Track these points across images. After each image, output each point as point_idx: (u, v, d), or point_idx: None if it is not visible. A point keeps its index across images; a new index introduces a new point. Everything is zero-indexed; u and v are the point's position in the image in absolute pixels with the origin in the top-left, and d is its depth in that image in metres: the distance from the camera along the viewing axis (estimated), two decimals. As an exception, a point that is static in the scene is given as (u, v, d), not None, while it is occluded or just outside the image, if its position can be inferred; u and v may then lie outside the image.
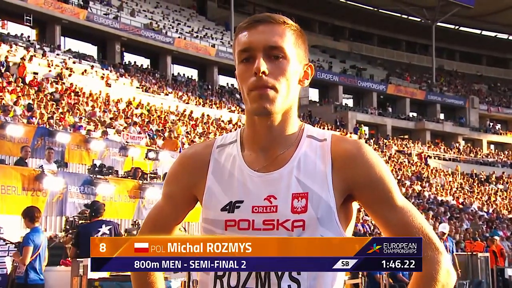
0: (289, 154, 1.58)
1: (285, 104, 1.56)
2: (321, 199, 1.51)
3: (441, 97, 53.47)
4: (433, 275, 1.47)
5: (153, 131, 24.34)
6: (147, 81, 37.13)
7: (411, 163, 39.72)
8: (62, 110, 22.09)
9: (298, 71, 1.61)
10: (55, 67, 30.19)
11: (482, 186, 38.25)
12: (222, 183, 1.61)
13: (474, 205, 32.22)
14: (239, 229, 1.53)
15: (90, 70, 32.92)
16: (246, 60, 1.55)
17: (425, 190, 32.52)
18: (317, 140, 1.61)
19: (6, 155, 14.05)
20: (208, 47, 44.11)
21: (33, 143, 14.91)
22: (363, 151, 1.57)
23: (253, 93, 1.52)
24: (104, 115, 24.53)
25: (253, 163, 1.60)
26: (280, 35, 1.55)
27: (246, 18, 1.65)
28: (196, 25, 47.15)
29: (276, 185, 1.55)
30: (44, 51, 33.06)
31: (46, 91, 25.27)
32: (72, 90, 27.08)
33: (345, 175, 1.55)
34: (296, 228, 1.49)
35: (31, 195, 11.31)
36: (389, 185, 1.56)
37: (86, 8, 39.14)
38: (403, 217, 1.53)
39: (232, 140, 1.68)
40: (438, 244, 1.53)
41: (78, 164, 16.21)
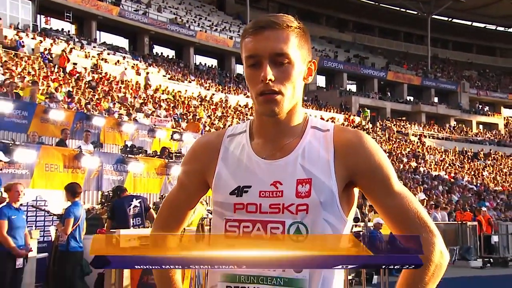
0: (295, 143, 1.55)
1: (291, 103, 1.53)
2: (324, 184, 1.48)
3: (435, 82, 53.33)
4: (428, 256, 1.43)
5: (177, 114, 24.37)
6: (172, 70, 37.16)
7: (408, 142, 39.60)
8: (98, 97, 22.18)
9: (303, 71, 1.56)
10: (92, 58, 30.27)
11: (471, 162, 38.04)
12: (231, 169, 1.57)
13: (464, 179, 32.10)
14: (247, 212, 1.50)
15: (122, 61, 32.94)
16: (253, 66, 1.50)
17: (420, 166, 32.41)
18: (321, 130, 1.58)
19: (49, 136, 14.15)
20: (226, 39, 44.00)
21: (72, 126, 15.02)
22: (363, 140, 1.54)
23: (260, 98, 1.49)
24: (135, 100, 24.62)
25: (261, 151, 1.56)
26: (285, 41, 1.48)
27: (254, 20, 1.55)
28: (216, 20, 46.96)
29: (282, 171, 1.51)
30: (82, 44, 33.16)
31: (84, 79, 25.37)
32: (106, 79, 27.16)
33: (346, 162, 1.51)
34: (300, 212, 1.46)
35: (71, 172, 11.39)
36: (387, 172, 1.53)
37: (118, 5, 39.10)
38: (400, 202, 1.50)
39: (241, 130, 1.65)
40: (433, 227, 1.50)
41: (111, 144, 16.28)
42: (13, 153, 10.22)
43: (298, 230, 1.47)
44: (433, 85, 52.99)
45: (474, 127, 50.17)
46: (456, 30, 60.20)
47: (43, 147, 11.60)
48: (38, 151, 11.00)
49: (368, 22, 57.73)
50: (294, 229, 1.47)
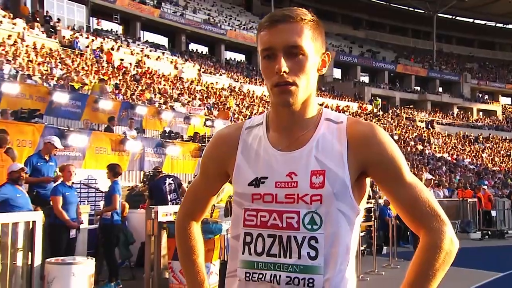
0: (309, 135, 1.43)
1: (305, 94, 1.41)
2: (337, 176, 1.37)
3: (440, 74, 52.68)
4: (438, 243, 1.35)
5: (210, 104, 24.42)
6: (205, 64, 37.17)
7: (415, 127, 39.21)
8: (141, 88, 22.33)
9: (316, 62, 1.44)
10: (136, 55, 30.44)
11: (472, 145, 37.87)
12: (249, 161, 1.46)
13: (465, 161, 31.81)
14: (264, 202, 1.40)
15: (162, 57, 33.08)
16: (268, 57, 1.39)
17: (426, 149, 32.12)
18: (334, 122, 1.45)
19: (99, 123, 14.21)
20: (253, 37, 43.46)
21: (119, 114, 15.06)
22: (376, 132, 1.42)
23: (275, 89, 1.38)
24: (173, 91, 24.70)
25: (277, 143, 1.44)
26: (299, 33, 1.37)
27: (269, 14, 1.45)
28: (244, 19, 46.70)
29: (296, 163, 1.40)
30: (128, 42, 33.34)
31: (129, 73, 25.53)
32: (148, 73, 27.30)
33: (359, 154, 1.40)
34: (314, 202, 1.36)
35: (117, 155, 11.48)
36: (399, 163, 1.41)
37: (159, 7, 39.16)
38: (411, 192, 1.39)
39: (258, 123, 1.53)
40: (443, 215, 1.39)
41: (152, 130, 16.25)
42: (68, 138, 10.32)
43: (313, 219, 1.37)
44: (438, 76, 52.41)
45: (474, 114, 49.68)
46: (459, 26, 59.15)
47: (94, 133, 11.72)
48: (89, 136, 11.11)
49: (379, 20, 56.86)
50: (309, 218, 1.37)
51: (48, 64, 21.16)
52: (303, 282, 1.34)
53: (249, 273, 1.40)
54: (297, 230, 1.36)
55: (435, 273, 1.35)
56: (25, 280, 4.89)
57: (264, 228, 1.40)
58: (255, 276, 1.39)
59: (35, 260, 4.92)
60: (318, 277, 1.34)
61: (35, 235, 4.94)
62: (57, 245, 6.61)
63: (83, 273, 5.08)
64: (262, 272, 1.38)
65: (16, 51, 21.51)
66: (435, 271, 1.35)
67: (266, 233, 1.39)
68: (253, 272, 1.39)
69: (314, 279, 1.34)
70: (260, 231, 1.40)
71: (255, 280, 1.39)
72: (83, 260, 5.26)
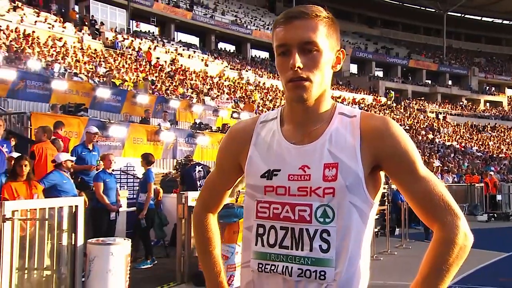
0: (322, 129, 1.30)
1: (319, 90, 1.29)
2: (350, 168, 1.24)
3: (449, 68, 51.70)
4: (452, 238, 1.21)
5: (237, 97, 24.36)
6: (233, 61, 37.12)
7: (426, 118, 38.69)
8: (175, 84, 22.40)
9: (331, 59, 1.31)
10: (170, 54, 30.56)
11: (479, 134, 37.52)
12: (262, 153, 1.34)
13: (473, 148, 31.39)
14: (276, 194, 1.29)
15: (194, 55, 33.15)
16: (283, 54, 1.27)
17: (436, 138, 31.73)
18: (348, 116, 1.32)
19: (136, 116, 14.23)
20: (277, 36, 43.47)
21: (154, 107, 15.09)
22: (390, 126, 1.28)
23: (290, 84, 1.26)
24: (203, 86, 24.71)
25: (290, 137, 1.32)
26: (313, 29, 1.25)
27: (285, 11, 1.34)
28: (268, 20, 46.32)
29: (310, 156, 1.27)
30: (164, 42, 33.48)
31: (164, 70, 25.65)
32: (181, 69, 27.41)
33: (373, 147, 1.26)
34: (326, 195, 1.24)
35: (152, 144, 11.50)
36: (413, 157, 1.27)
37: (191, 10, 39.15)
38: (425, 186, 1.25)
39: (273, 117, 1.40)
40: (457, 210, 1.25)
41: (184, 122, 16.19)
42: (108, 129, 10.40)
43: (325, 212, 1.24)
44: (447, 71, 51.40)
45: (482, 105, 48.79)
46: (467, 24, 57.78)
47: (131, 125, 11.76)
48: (127, 128, 11.16)
49: (393, 19, 55.76)
50: (321, 211, 1.24)
51: (93, 63, 21.40)
52: (315, 274, 1.23)
53: (262, 264, 1.30)
54: (309, 223, 1.25)
55: (448, 268, 1.22)
56: (70, 258, 4.90)
57: (276, 220, 1.29)
58: (267, 267, 1.28)
59: (78, 240, 4.93)
60: (329, 269, 1.23)
61: (78, 218, 4.94)
62: (98, 226, 6.67)
63: (120, 253, 5.08)
64: (274, 263, 1.27)
65: (67, 52, 21.79)
66: (448, 266, 1.22)
67: (279, 225, 1.28)
68: (266, 264, 1.29)
69: (326, 271, 1.23)
70: (272, 223, 1.29)
71: (267, 271, 1.28)
72: (121, 241, 5.26)
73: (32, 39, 21.35)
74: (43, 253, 4.70)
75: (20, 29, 22.52)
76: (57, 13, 28.56)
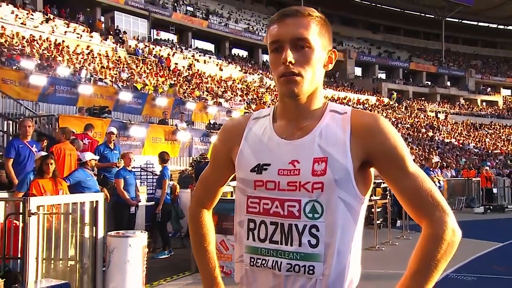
0: (313, 125, 1.22)
1: (310, 87, 1.22)
2: (340, 163, 1.16)
3: (448, 70, 51.05)
4: (440, 234, 1.14)
5: (249, 99, 24.29)
6: (245, 66, 37.05)
7: (426, 117, 38.34)
8: (192, 87, 22.40)
9: (323, 58, 1.24)
10: (188, 59, 30.61)
11: (476, 131, 37.09)
12: (253, 147, 1.26)
13: (470, 145, 31.02)
14: (266, 189, 1.20)
15: (209, 60, 33.16)
16: (275, 50, 1.20)
17: (436, 135, 31.41)
18: (339, 113, 1.24)
19: (155, 117, 14.23)
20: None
21: (172, 109, 15.06)
22: (380, 122, 1.20)
23: (282, 79, 1.19)
24: (218, 89, 24.69)
25: (282, 132, 1.24)
26: (305, 27, 1.18)
27: (280, 10, 1.27)
28: (278, 28, 46.28)
29: (300, 150, 1.19)
30: (182, 49, 33.54)
31: (182, 75, 25.70)
32: (198, 74, 27.42)
33: (362, 143, 1.18)
34: (315, 190, 1.15)
35: (170, 144, 11.50)
36: (402, 153, 1.19)
37: (207, 19, 39.17)
38: (414, 182, 1.17)
39: (266, 114, 1.32)
40: (445, 206, 1.18)
41: (200, 122, 16.18)
42: (129, 129, 10.41)
43: (314, 208, 1.16)
44: (446, 72, 50.77)
45: (478, 104, 48.16)
46: (465, 28, 57.09)
47: (151, 125, 11.79)
48: (147, 128, 11.17)
49: (394, 25, 55.23)
50: (310, 207, 1.16)
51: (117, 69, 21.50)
52: (304, 269, 1.16)
53: (253, 259, 1.22)
54: (298, 218, 1.17)
55: (437, 263, 1.14)
56: (91, 249, 4.89)
57: (266, 215, 1.21)
58: (258, 261, 1.21)
59: (98, 233, 4.91)
60: (318, 264, 1.15)
61: (98, 212, 4.92)
62: (120, 220, 6.67)
63: (137, 245, 5.05)
64: (265, 258, 1.20)
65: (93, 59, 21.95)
66: (437, 262, 1.14)
67: (269, 221, 1.20)
68: (257, 258, 1.21)
69: (315, 266, 1.15)
70: (263, 218, 1.21)
71: (258, 265, 1.21)
72: (138, 234, 5.22)
73: (62, 48, 21.53)
74: (68, 244, 4.70)
75: (52, 39, 22.73)
76: (85, 23, 28.79)
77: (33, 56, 17.47)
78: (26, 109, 10.70)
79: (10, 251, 4.71)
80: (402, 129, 31.59)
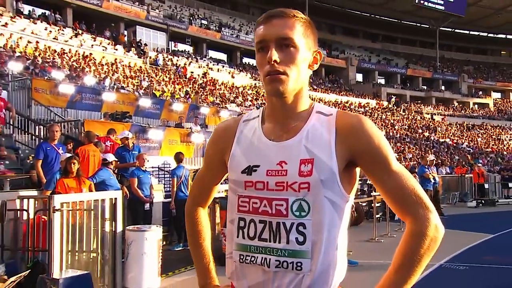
0: (300, 126, 1.16)
1: (296, 86, 1.15)
2: (325, 164, 1.10)
3: (442, 75, 50.34)
4: (423, 230, 1.08)
5: (259, 104, 24.23)
6: (255, 73, 37.00)
7: (422, 118, 38.02)
8: (206, 93, 22.42)
9: (308, 58, 1.17)
10: (202, 68, 30.66)
11: (468, 131, 36.68)
12: (244, 150, 1.20)
13: (464, 144, 30.65)
14: (255, 189, 1.15)
15: (222, 69, 33.19)
16: (261, 49, 1.15)
17: (431, 135, 31.07)
18: (325, 115, 1.18)
19: (172, 120, 14.15)
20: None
21: (188, 113, 15.00)
22: (363, 123, 1.14)
23: (267, 78, 1.13)
24: (230, 95, 24.67)
25: (270, 134, 1.19)
26: (290, 27, 1.13)
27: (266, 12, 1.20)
28: (285, 38, 46.23)
29: (287, 152, 1.14)
30: (197, 59, 33.63)
31: (197, 82, 25.75)
32: (211, 81, 27.44)
33: (347, 144, 1.13)
34: (302, 190, 1.10)
35: (185, 145, 11.45)
36: (386, 153, 1.13)
37: (220, 31, 39.20)
38: (397, 180, 1.12)
39: (255, 116, 1.26)
40: (428, 203, 1.12)
41: (213, 125, 15.90)
42: (148, 132, 10.41)
43: (301, 206, 1.11)
44: (440, 77, 50.11)
45: (471, 106, 47.40)
46: (457, 37, 56.45)
47: (167, 128, 11.75)
48: (164, 131, 11.15)
49: (392, 34, 54.64)
50: (297, 205, 1.11)
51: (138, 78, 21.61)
52: (292, 265, 1.10)
53: (243, 256, 1.16)
54: (286, 216, 1.11)
55: (420, 258, 1.08)
56: (111, 242, 4.88)
57: (255, 214, 1.15)
58: (248, 258, 1.15)
59: (117, 227, 4.90)
60: (305, 261, 1.10)
61: (117, 208, 4.92)
62: (135, 215, 6.65)
63: (153, 238, 5.03)
64: (254, 255, 1.14)
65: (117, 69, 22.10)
66: (420, 257, 1.08)
67: (258, 219, 1.14)
68: (246, 255, 1.16)
69: (302, 263, 1.10)
70: (252, 216, 1.15)
71: (248, 262, 1.15)
72: (154, 228, 5.21)
73: (89, 60, 21.72)
74: (90, 238, 4.70)
75: (80, 52, 22.95)
76: (110, 37, 29.03)
77: (63, 67, 17.64)
78: (56, 115, 10.76)
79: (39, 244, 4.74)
80: (400, 130, 31.26)
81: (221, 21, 41.10)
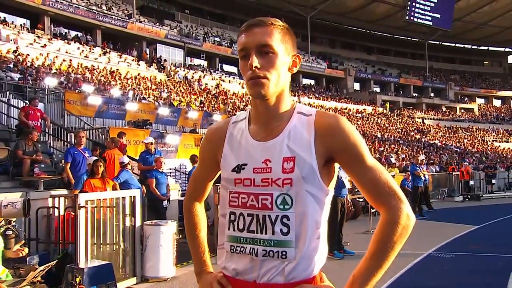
0: (282, 127, 1.14)
1: (276, 88, 1.13)
2: (306, 161, 1.09)
3: (431, 83, 49.60)
4: (396, 219, 1.06)
5: (265, 111, 24.24)
6: (263, 84, 37.11)
7: (414, 122, 37.64)
8: (218, 102, 22.45)
9: (287, 62, 1.14)
10: (216, 80, 30.75)
11: (456, 133, 36.13)
12: (234, 150, 1.19)
13: (451, 145, 30.20)
14: (244, 185, 1.13)
15: (233, 80, 33.21)
16: (244, 57, 1.12)
17: (422, 138, 30.72)
18: (305, 115, 1.15)
19: (187, 127, 14.18)
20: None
21: (202, 120, 15.06)
22: (340, 122, 1.11)
23: (249, 82, 1.11)
24: (240, 103, 24.68)
25: (256, 134, 1.17)
26: (269, 34, 1.10)
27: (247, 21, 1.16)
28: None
29: (271, 151, 1.12)
30: (211, 72, 33.72)
31: (211, 93, 25.81)
32: (224, 92, 27.48)
33: (326, 142, 1.11)
34: (285, 185, 1.09)
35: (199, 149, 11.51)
36: (361, 149, 1.11)
37: (231, 47, 39.14)
38: (372, 174, 1.10)
39: (243, 118, 1.24)
40: (400, 194, 1.10)
41: None
42: (166, 138, 10.44)
43: (284, 200, 1.09)
44: (430, 85, 49.34)
45: (458, 111, 46.59)
46: (444, 49, 55.68)
47: (183, 134, 11.78)
48: (180, 136, 11.18)
49: (386, 47, 54.10)
50: (281, 199, 1.09)
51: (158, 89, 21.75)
52: (277, 254, 1.08)
53: (233, 246, 1.14)
54: (271, 210, 1.09)
55: (393, 245, 1.05)
56: (131, 235, 4.89)
57: (244, 208, 1.13)
58: (237, 249, 1.13)
59: (136, 222, 4.90)
60: (290, 250, 1.08)
61: (135, 205, 4.91)
62: (155, 211, 6.66)
63: (168, 232, 5.02)
64: (243, 246, 1.12)
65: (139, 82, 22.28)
66: (393, 244, 1.05)
67: (246, 213, 1.12)
68: (236, 246, 1.13)
69: (287, 251, 1.07)
70: (241, 210, 1.13)
71: (237, 252, 1.13)
72: (169, 223, 5.19)
73: (115, 74, 21.93)
74: (112, 232, 4.70)
75: (107, 68, 23.19)
76: (134, 55, 29.33)
77: (93, 82, 17.84)
78: (85, 124, 10.87)
79: (69, 237, 4.77)
80: (394, 132, 30.93)
81: (232, 38, 41.20)
